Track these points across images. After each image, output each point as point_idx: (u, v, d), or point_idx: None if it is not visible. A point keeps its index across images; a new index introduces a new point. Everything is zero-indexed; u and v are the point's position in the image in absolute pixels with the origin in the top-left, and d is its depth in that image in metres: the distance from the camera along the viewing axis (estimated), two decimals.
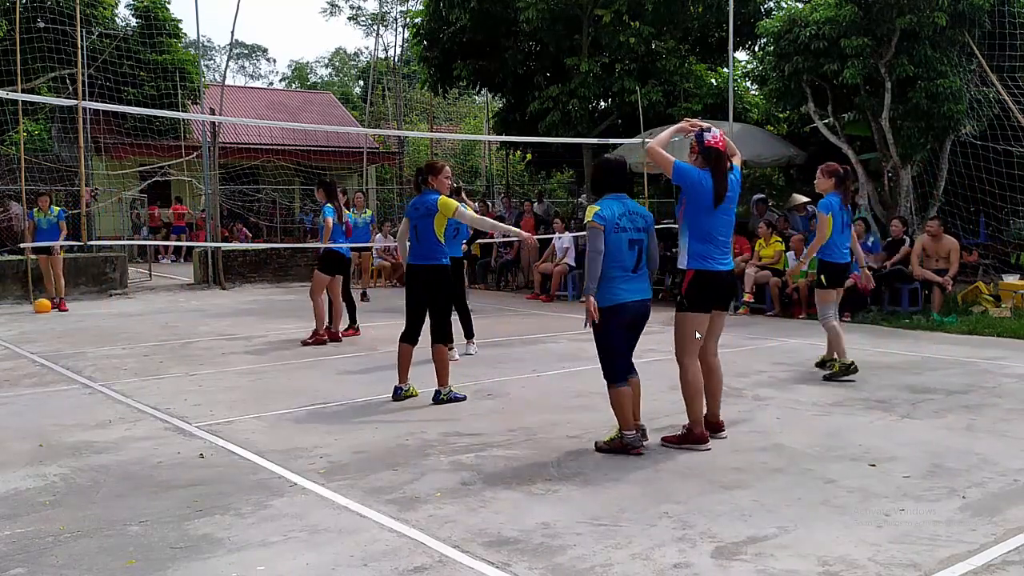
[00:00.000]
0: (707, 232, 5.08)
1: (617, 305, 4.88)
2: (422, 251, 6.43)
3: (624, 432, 4.95)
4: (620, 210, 4.91)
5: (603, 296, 4.87)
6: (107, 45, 23.24)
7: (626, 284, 4.89)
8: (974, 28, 11.73)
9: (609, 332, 4.93)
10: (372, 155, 27.28)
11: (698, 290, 5.09)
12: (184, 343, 9.44)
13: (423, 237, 6.41)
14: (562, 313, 12.23)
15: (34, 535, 3.78)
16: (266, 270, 17.65)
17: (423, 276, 6.41)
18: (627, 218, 4.90)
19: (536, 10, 14.26)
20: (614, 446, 4.97)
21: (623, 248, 4.87)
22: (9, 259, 14.25)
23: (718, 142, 5.11)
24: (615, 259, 4.86)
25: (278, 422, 5.82)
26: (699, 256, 5.08)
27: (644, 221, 4.97)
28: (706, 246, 5.08)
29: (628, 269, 4.89)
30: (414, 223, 6.45)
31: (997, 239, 12.61)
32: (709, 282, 5.09)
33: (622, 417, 4.96)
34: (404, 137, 28.81)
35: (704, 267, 5.07)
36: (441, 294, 6.42)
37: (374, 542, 3.67)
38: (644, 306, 5.00)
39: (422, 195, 6.52)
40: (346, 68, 58.69)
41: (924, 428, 5.50)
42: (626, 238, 4.87)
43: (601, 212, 4.88)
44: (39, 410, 6.23)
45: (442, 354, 6.35)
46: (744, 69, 17.13)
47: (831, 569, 3.34)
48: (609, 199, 4.98)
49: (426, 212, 6.40)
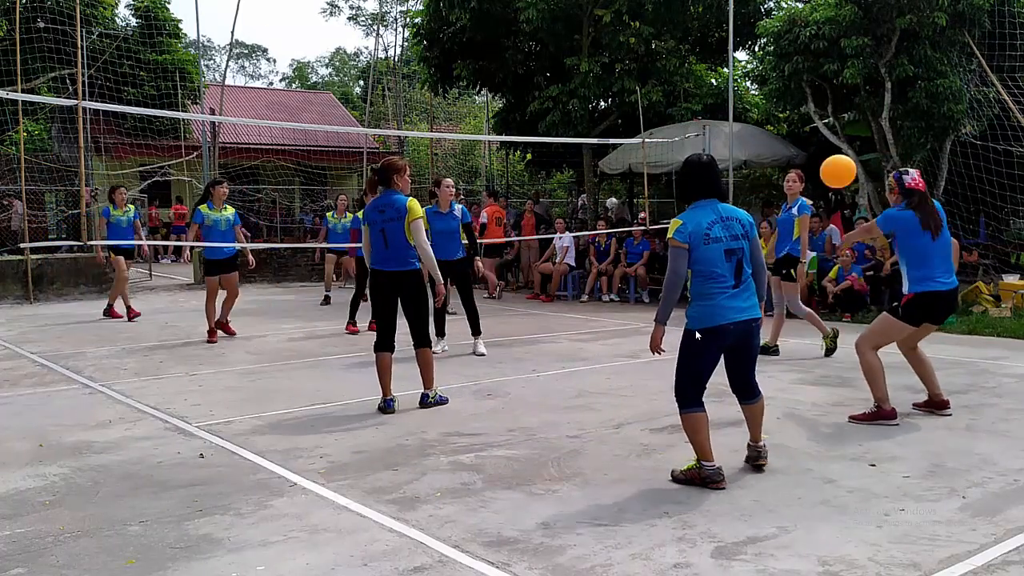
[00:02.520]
0: (922, 258, 5.50)
1: (717, 327, 4.28)
2: (394, 256, 6.01)
3: (703, 463, 4.35)
4: (711, 218, 4.32)
5: (698, 317, 4.32)
6: (107, 45, 23.25)
7: (728, 301, 4.29)
8: (974, 28, 11.73)
9: (701, 355, 4.35)
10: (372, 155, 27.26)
11: (916, 307, 5.54)
12: (184, 343, 9.44)
13: (394, 242, 5.98)
14: (562, 313, 12.23)
15: (34, 535, 3.78)
16: (266, 270, 17.64)
17: (398, 282, 6.04)
18: (720, 225, 4.31)
19: (536, 10, 14.26)
20: (690, 476, 4.37)
21: (718, 260, 4.28)
22: (9, 259, 14.25)
23: (918, 184, 5.56)
24: (710, 275, 4.29)
25: (278, 422, 5.82)
26: (916, 280, 5.51)
27: (742, 227, 4.36)
28: (922, 270, 5.50)
29: (728, 284, 4.30)
30: (380, 227, 5.99)
31: (997, 239, 12.60)
32: (931, 301, 5.51)
33: (697, 445, 4.37)
34: (404, 137, 28.81)
35: (925, 288, 5.48)
36: (420, 298, 6.12)
37: (374, 542, 3.67)
38: (749, 326, 4.38)
39: (386, 196, 6.05)
40: (346, 68, 58.69)
41: (924, 428, 5.50)
42: (721, 249, 4.28)
43: (684, 227, 4.29)
44: (39, 410, 6.23)
45: (427, 356, 6.17)
46: (744, 69, 17.14)
47: (831, 569, 3.34)
48: (697, 207, 4.39)
49: (396, 215, 5.97)
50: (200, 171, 18.02)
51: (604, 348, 8.87)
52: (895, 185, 5.69)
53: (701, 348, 4.33)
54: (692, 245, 4.27)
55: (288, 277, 17.79)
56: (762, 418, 4.67)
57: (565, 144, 16.09)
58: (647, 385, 6.90)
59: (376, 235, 6.04)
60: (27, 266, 13.66)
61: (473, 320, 8.55)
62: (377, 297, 6.15)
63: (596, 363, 7.91)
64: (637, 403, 6.28)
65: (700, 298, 4.33)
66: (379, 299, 6.15)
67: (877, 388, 5.61)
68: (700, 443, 4.36)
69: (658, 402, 6.15)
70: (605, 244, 14.21)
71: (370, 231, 6.09)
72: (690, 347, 4.35)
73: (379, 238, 6.03)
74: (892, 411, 5.60)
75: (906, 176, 5.65)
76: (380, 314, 6.18)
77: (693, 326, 4.34)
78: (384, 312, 6.15)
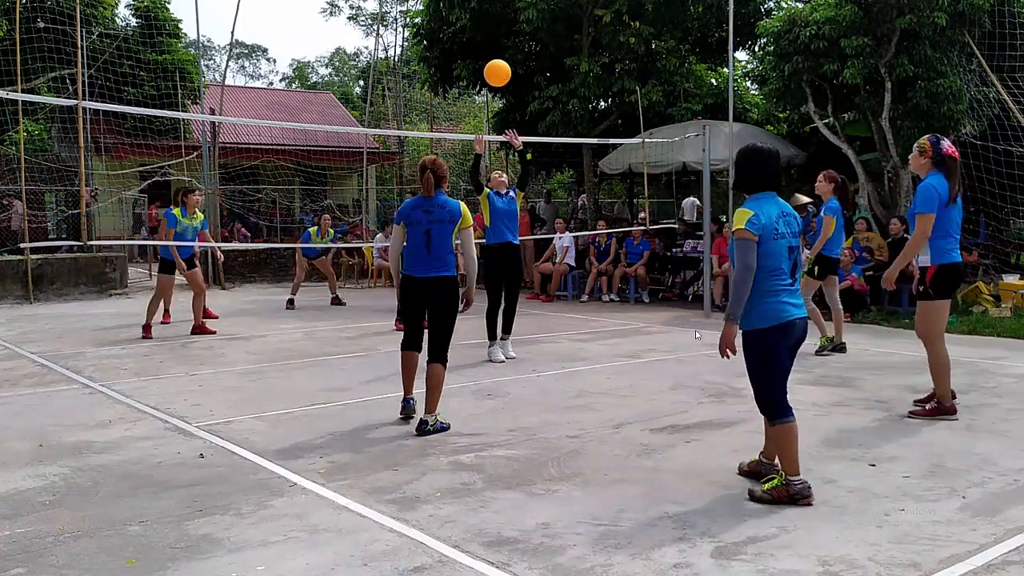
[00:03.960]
0: (946, 229, 5.56)
1: (786, 323, 4.07)
2: (434, 261, 5.63)
3: (790, 479, 4.08)
4: (776, 211, 4.12)
5: (767, 315, 4.06)
6: (107, 45, 23.23)
7: (790, 298, 4.12)
8: (974, 28, 11.72)
9: (777, 354, 4.10)
10: (372, 155, 27.26)
11: (944, 278, 5.61)
12: (184, 343, 9.44)
13: (437, 244, 5.62)
14: (562, 313, 12.23)
15: (34, 535, 3.78)
16: (266, 270, 17.67)
17: (431, 288, 5.64)
18: (783, 221, 4.13)
19: (536, 10, 14.26)
20: (778, 496, 4.06)
21: (784, 256, 4.10)
22: (9, 259, 14.25)
23: (954, 152, 5.60)
24: (776, 270, 4.08)
25: (278, 422, 5.82)
26: (942, 251, 5.59)
27: (798, 224, 4.22)
28: (947, 240, 5.58)
29: (788, 281, 4.12)
30: (426, 227, 5.60)
31: (997, 239, 12.60)
32: (955, 271, 5.64)
33: (788, 459, 4.09)
34: (404, 137, 28.80)
35: (949, 260, 5.59)
36: (451, 309, 5.71)
37: (374, 542, 3.67)
38: (806, 323, 4.23)
39: (435, 197, 5.70)
40: (346, 68, 58.67)
41: (924, 428, 5.50)
42: (785, 245, 4.10)
43: (756, 218, 4.03)
44: (39, 410, 6.23)
45: (439, 375, 5.60)
46: (744, 69, 17.12)
47: (831, 569, 3.34)
48: (762, 199, 4.14)
49: (448, 218, 5.65)
50: (200, 171, 18.01)
51: (604, 348, 8.87)
52: (928, 148, 5.57)
53: (773, 347, 4.08)
54: (763, 238, 4.03)
55: (288, 277, 17.76)
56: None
57: (565, 144, 16.09)
58: (647, 385, 6.90)
59: (419, 236, 5.63)
60: (27, 266, 13.66)
61: (512, 317, 8.46)
62: (407, 302, 5.81)
63: (596, 363, 7.91)
64: (637, 403, 6.29)
65: (765, 295, 4.06)
66: (408, 304, 5.80)
67: (941, 384, 5.71)
68: (792, 456, 4.09)
69: (658, 402, 6.15)
70: (605, 244, 14.21)
71: (410, 231, 5.68)
72: (764, 349, 4.09)
73: (422, 239, 5.62)
74: (953, 407, 5.70)
75: (943, 142, 5.59)
76: (409, 317, 5.86)
77: (762, 324, 4.07)
78: (413, 315, 5.82)
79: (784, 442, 4.12)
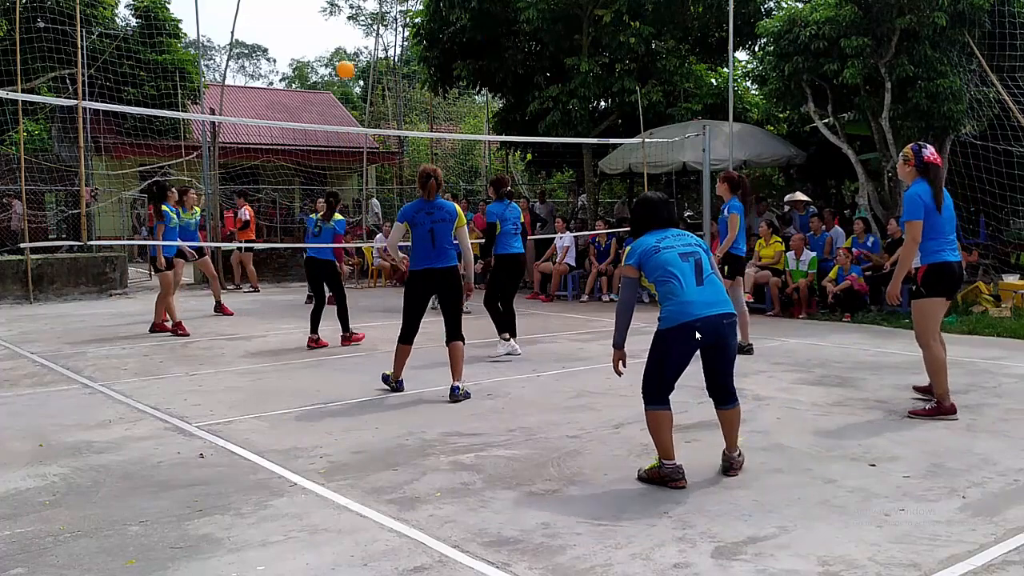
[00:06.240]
0: (937, 231, 5.65)
1: (684, 324, 4.42)
2: (439, 255, 6.51)
3: (664, 462, 4.39)
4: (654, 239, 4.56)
5: (667, 318, 4.48)
6: (107, 45, 23.24)
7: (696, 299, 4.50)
8: (974, 28, 11.72)
9: (670, 352, 4.49)
10: (372, 155, 27.28)
11: (934, 277, 5.68)
12: (184, 343, 9.44)
13: (441, 241, 6.50)
14: (562, 313, 12.23)
15: (34, 535, 3.78)
16: (266, 270, 17.64)
17: (439, 278, 6.52)
18: (665, 241, 4.57)
19: (536, 10, 14.26)
20: (652, 476, 4.38)
21: (674, 264, 4.50)
22: (9, 259, 14.25)
23: (936, 159, 5.76)
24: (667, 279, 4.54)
25: (278, 422, 5.82)
26: (931, 251, 5.68)
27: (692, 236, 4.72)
28: (937, 241, 5.67)
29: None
30: (429, 227, 6.46)
31: (997, 239, 12.60)
32: (944, 271, 5.67)
33: (660, 445, 4.41)
34: (404, 137, 28.81)
35: (937, 259, 5.67)
36: (458, 293, 6.61)
37: (374, 542, 3.67)
38: (717, 321, 4.45)
39: (435, 200, 6.56)
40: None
41: (924, 428, 5.50)
42: (673, 254, 4.50)
43: (630, 254, 4.56)
44: (39, 410, 6.23)
45: (461, 348, 6.52)
46: (744, 69, 17.13)
47: (831, 569, 3.34)
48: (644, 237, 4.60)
49: (448, 217, 6.52)
50: (200, 171, 18.01)
51: (604, 348, 8.85)
52: (912, 157, 5.78)
53: (670, 346, 4.41)
54: (642, 263, 4.47)
55: (288, 277, 17.80)
56: (739, 426, 4.60)
57: (565, 144, 16.10)
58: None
59: (424, 234, 6.48)
60: (27, 266, 13.66)
61: (512, 319, 8.68)
62: (413, 296, 6.59)
63: (596, 363, 7.91)
64: (637, 403, 6.23)
65: (663, 300, 4.43)
66: (414, 298, 6.59)
67: (939, 384, 5.77)
68: (663, 442, 4.39)
69: None
70: (605, 244, 14.21)
71: (415, 231, 6.53)
72: (660, 346, 4.47)
73: (427, 237, 6.47)
74: (952, 406, 5.71)
75: (925, 150, 5.75)
76: (412, 313, 6.59)
77: (662, 327, 4.44)
78: (416, 311, 6.60)
79: (652, 429, 4.44)
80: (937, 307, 5.79)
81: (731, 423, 4.55)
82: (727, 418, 4.56)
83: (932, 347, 5.78)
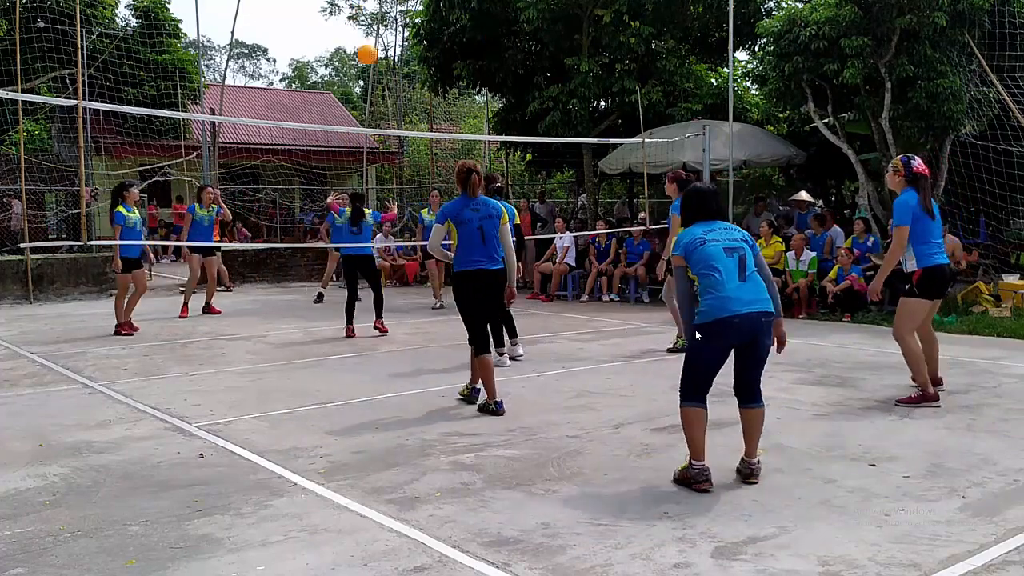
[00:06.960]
0: (926, 236, 6.04)
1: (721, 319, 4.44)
2: (488, 253, 6.08)
3: (693, 462, 4.37)
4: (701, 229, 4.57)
5: (703, 312, 4.46)
6: (107, 45, 23.24)
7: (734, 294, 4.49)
8: (974, 28, 11.72)
9: (704, 348, 4.46)
10: (372, 155, 27.27)
11: (928, 280, 6.06)
12: (184, 343, 9.44)
13: (490, 239, 6.08)
14: (562, 313, 12.23)
15: (34, 535, 3.78)
16: (266, 270, 17.64)
17: (488, 281, 6.10)
18: (711, 233, 4.58)
19: (536, 10, 14.25)
20: (682, 478, 4.38)
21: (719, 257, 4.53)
22: (9, 259, 14.25)
23: (924, 170, 6.15)
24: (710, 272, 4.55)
25: (278, 422, 5.82)
26: (925, 255, 6.04)
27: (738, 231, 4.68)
28: (928, 246, 6.04)
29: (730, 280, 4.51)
30: (478, 224, 6.04)
31: (997, 239, 12.60)
32: (938, 273, 6.08)
33: (691, 443, 4.38)
34: (404, 137, 28.80)
35: (933, 263, 6.04)
36: (502, 301, 6.34)
37: (374, 542, 3.67)
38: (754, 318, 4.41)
39: (479, 197, 6.15)
40: (346, 68, 58.67)
41: (924, 428, 5.50)
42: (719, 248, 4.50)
43: (676, 244, 4.61)
44: (39, 410, 6.23)
45: (490, 363, 6.17)
46: (744, 69, 17.12)
47: (831, 569, 3.34)
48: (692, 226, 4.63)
49: (496, 213, 6.13)
50: (200, 171, 18.01)
51: (604, 348, 8.87)
52: (901, 168, 6.18)
53: (704, 343, 4.39)
54: (687, 255, 4.49)
55: (288, 277, 17.78)
56: (761, 429, 4.52)
57: (565, 144, 16.09)
58: (647, 385, 6.90)
59: (473, 231, 6.05)
60: (27, 266, 13.66)
61: (511, 323, 8.36)
62: (470, 299, 6.13)
63: (596, 363, 7.91)
64: (637, 403, 6.29)
65: (702, 294, 4.41)
66: (471, 302, 6.14)
67: (919, 373, 6.13)
68: (695, 441, 4.38)
69: (658, 402, 6.15)
70: (605, 244, 14.21)
71: (462, 229, 6.08)
72: (696, 341, 4.43)
73: (475, 234, 6.05)
74: (935, 394, 6.08)
75: (913, 162, 6.17)
76: (476, 318, 6.15)
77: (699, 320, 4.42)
78: (479, 316, 6.17)
79: (684, 426, 4.43)
80: (923, 308, 6.18)
81: (754, 424, 4.50)
82: (750, 418, 4.50)
83: (908, 341, 6.18)
